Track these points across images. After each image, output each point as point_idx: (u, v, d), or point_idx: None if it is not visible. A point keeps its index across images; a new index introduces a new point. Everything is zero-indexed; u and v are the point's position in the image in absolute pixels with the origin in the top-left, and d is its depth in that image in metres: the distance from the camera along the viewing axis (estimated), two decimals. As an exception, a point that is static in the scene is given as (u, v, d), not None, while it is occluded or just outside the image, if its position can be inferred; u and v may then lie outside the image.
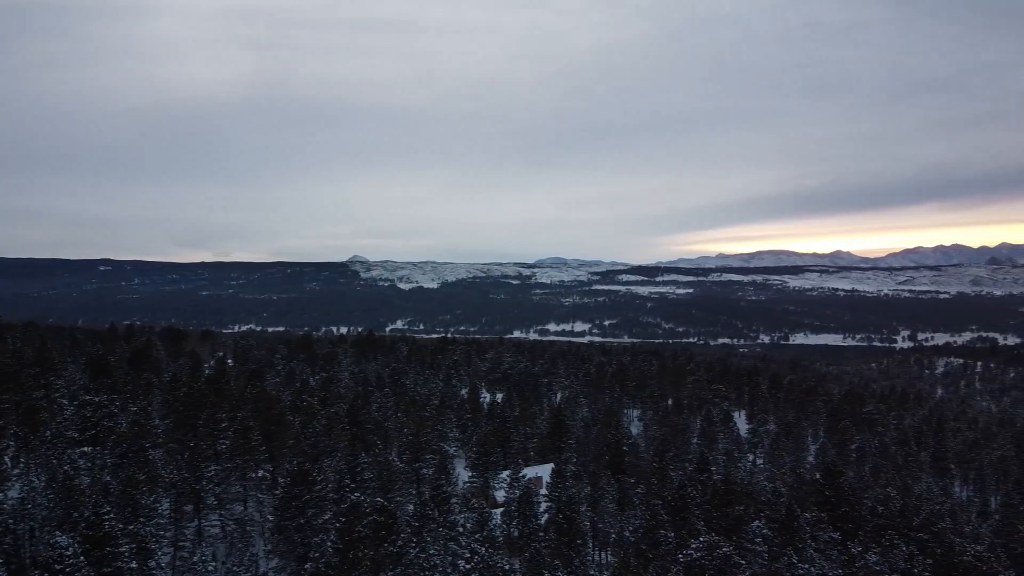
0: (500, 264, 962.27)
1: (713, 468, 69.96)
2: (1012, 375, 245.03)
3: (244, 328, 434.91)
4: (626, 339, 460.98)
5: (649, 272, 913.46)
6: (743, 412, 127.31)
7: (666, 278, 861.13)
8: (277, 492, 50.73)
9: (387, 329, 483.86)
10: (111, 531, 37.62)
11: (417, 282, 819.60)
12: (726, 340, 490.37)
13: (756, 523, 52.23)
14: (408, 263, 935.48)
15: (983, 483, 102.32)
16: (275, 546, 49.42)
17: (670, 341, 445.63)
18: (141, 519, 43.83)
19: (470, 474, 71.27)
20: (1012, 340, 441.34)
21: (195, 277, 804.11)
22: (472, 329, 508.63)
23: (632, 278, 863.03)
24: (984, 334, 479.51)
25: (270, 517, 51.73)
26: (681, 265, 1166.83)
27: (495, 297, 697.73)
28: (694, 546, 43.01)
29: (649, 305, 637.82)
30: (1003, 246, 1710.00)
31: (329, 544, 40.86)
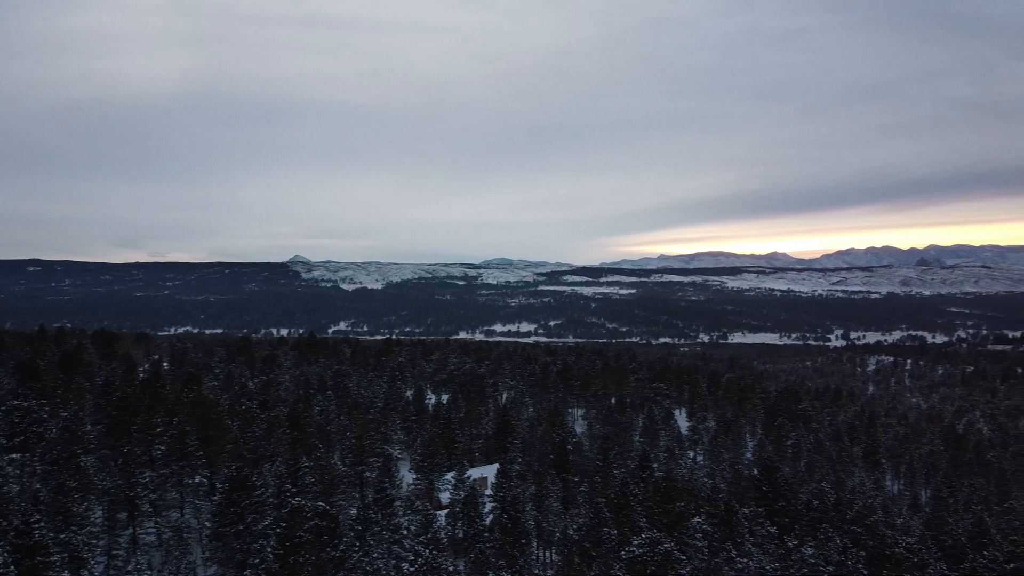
0: (446, 265, 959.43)
1: (655, 465, 71.21)
2: (940, 372, 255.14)
3: (180, 331, 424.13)
4: (571, 339, 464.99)
5: (593, 273, 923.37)
6: (683, 410, 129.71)
7: (610, 279, 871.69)
8: (215, 498, 49.66)
9: (329, 331, 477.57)
10: (42, 540, 36.21)
11: (361, 283, 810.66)
12: (667, 339, 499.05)
13: (696, 519, 53.31)
14: (351, 263, 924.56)
15: (913, 477, 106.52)
16: (213, 553, 48.29)
17: (613, 341, 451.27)
18: (73, 527, 42.29)
19: (415, 476, 70.89)
20: (940, 338, 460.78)
21: (129, 278, 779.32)
22: (417, 330, 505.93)
23: (577, 279, 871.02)
24: (913, 333, 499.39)
25: (208, 524, 50.56)
26: (624, 266, 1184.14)
27: (441, 298, 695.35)
28: (636, 543, 43.66)
29: (593, 305, 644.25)
30: (932, 248, 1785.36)
31: (269, 550, 40.08)
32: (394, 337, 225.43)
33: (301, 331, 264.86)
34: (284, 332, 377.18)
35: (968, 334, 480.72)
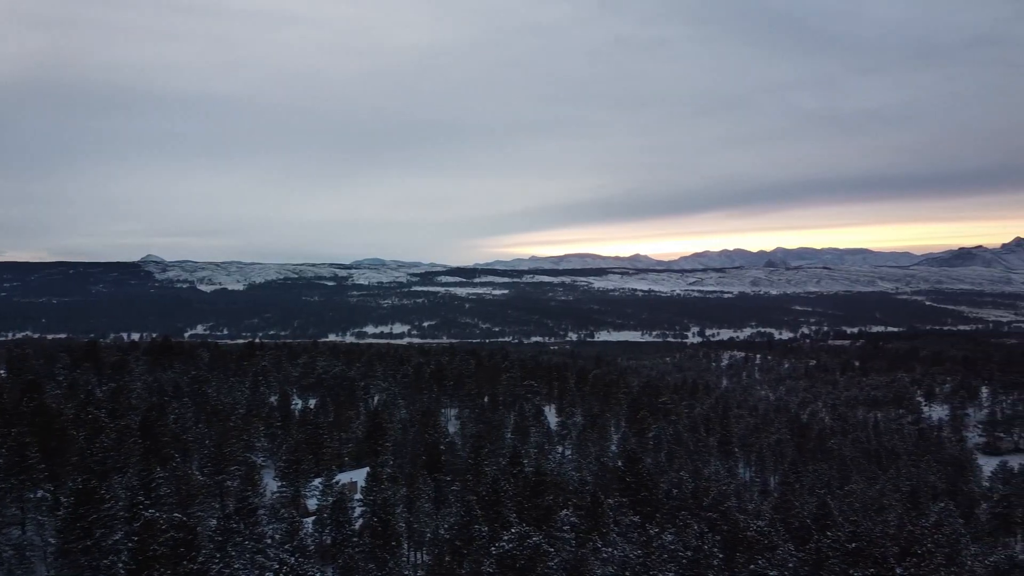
0: (314, 265, 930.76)
1: (525, 461, 72.34)
2: (786, 366, 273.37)
3: (19, 335, 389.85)
4: (445, 340, 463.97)
5: (467, 273, 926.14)
6: (553, 406, 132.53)
7: (484, 279, 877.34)
8: (60, 513, 46.08)
9: (186, 335, 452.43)
10: None
11: (220, 284, 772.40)
12: (539, 338, 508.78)
13: (565, 512, 54.69)
14: (210, 263, 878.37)
15: (763, 464, 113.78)
16: (59, 571, 44.84)
17: (487, 340, 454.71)
18: None
19: (280, 484, 68.47)
20: (786, 335, 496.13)
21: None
22: (283, 333, 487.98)
23: (451, 279, 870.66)
24: (762, 329, 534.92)
25: (52, 540, 46.89)
26: (497, 267, 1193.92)
27: (309, 299, 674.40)
28: (506, 538, 44.22)
29: (467, 306, 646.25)
30: (778, 250, 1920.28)
31: (121, 565, 37.62)
32: (257, 341, 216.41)
33: (154, 335, 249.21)
34: (136, 336, 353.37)
35: (811, 330, 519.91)
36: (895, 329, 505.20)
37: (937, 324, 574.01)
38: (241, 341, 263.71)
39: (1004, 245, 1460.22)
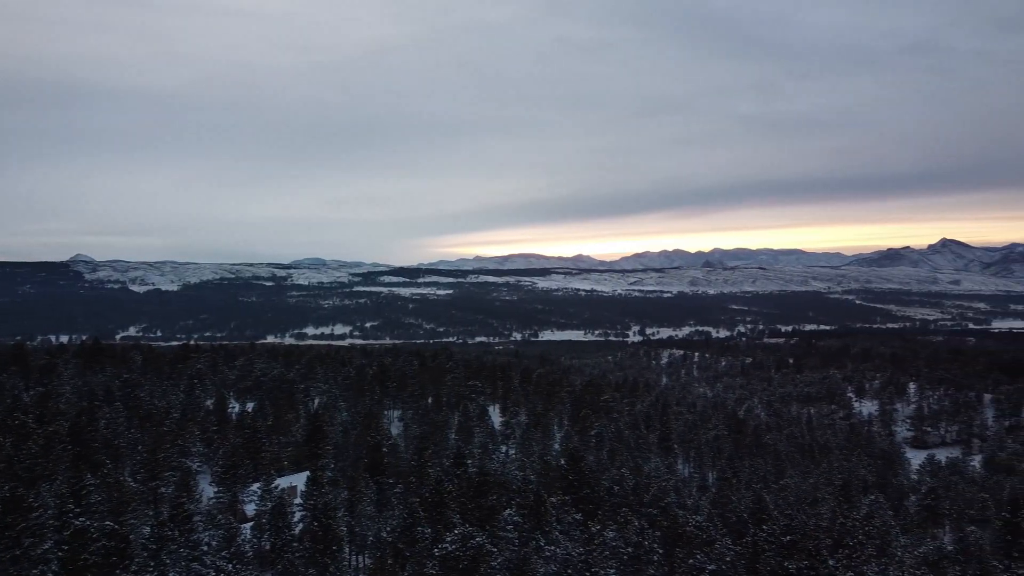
0: (252, 265, 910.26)
1: (469, 461, 72.17)
2: (723, 364, 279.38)
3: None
4: (388, 340, 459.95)
5: (411, 273, 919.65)
6: (497, 406, 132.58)
7: (427, 279, 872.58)
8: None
9: (117, 337, 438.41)
10: None
11: (154, 284, 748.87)
12: (483, 338, 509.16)
13: (508, 511, 54.77)
14: (143, 263, 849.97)
15: (701, 460, 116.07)
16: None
17: (431, 341, 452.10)
18: None
19: (216, 489, 66.81)
20: (723, 333, 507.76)
21: None
22: (219, 335, 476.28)
23: (394, 279, 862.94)
24: (700, 328, 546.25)
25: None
26: (442, 267, 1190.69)
27: (246, 300, 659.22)
28: (449, 539, 44.07)
29: (411, 306, 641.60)
30: (716, 251, 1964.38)
31: (51, 575, 36.19)
32: (192, 342, 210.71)
33: (84, 337, 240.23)
34: (65, 339, 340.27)
35: (747, 329, 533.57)
36: (827, 327, 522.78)
37: (867, 322, 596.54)
38: (175, 343, 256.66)
39: (930, 246, 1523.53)
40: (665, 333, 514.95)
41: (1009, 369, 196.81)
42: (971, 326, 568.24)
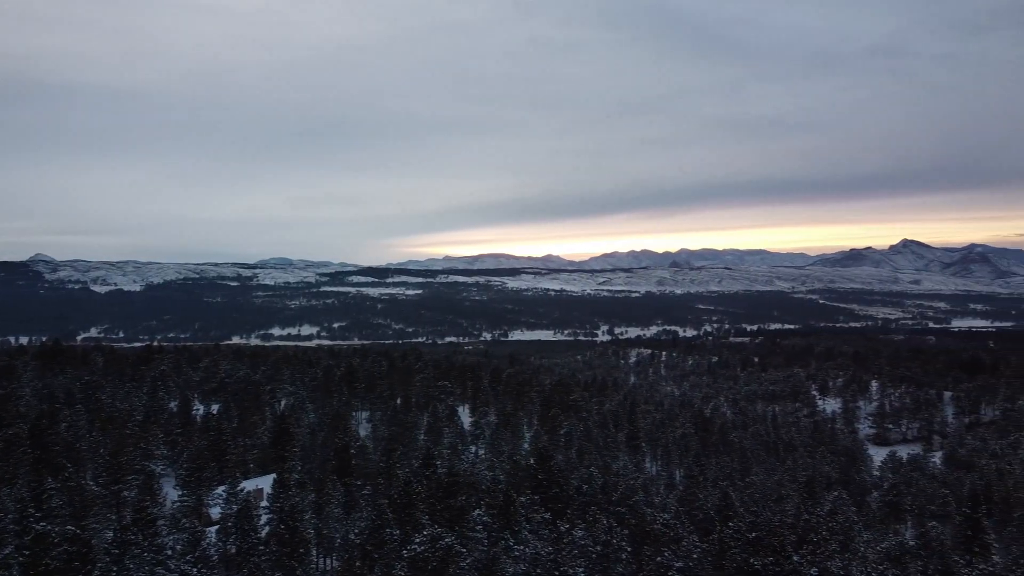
0: (216, 264, 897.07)
1: (438, 462, 71.98)
2: (690, 362, 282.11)
3: None
4: (356, 341, 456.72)
5: (379, 273, 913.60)
6: (467, 406, 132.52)
7: (396, 279, 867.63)
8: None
9: (79, 338, 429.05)
10: None
11: (116, 284, 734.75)
12: (453, 338, 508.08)
13: (477, 511, 54.73)
14: (104, 263, 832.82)
15: (669, 458, 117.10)
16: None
17: (400, 341, 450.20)
18: None
19: (181, 493, 65.79)
20: (690, 332, 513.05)
21: None
22: (183, 336, 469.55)
23: (363, 279, 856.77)
24: (668, 327, 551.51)
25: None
26: (411, 267, 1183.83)
27: (211, 300, 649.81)
28: (418, 540, 43.91)
29: (380, 306, 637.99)
30: (683, 251, 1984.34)
31: (7, 584, 35.39)
32: (156, 344, 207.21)
33: (44, 338, 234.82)
34: (24, 340, 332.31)
35: (713, 328, 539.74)
36: (791, 326, 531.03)
37: (830, 321, 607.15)
38: (138, 344, 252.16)
39: (892, 247, 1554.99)
40: (633, 332, 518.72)
41: (968, 367, 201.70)
42: (931, 325, 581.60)
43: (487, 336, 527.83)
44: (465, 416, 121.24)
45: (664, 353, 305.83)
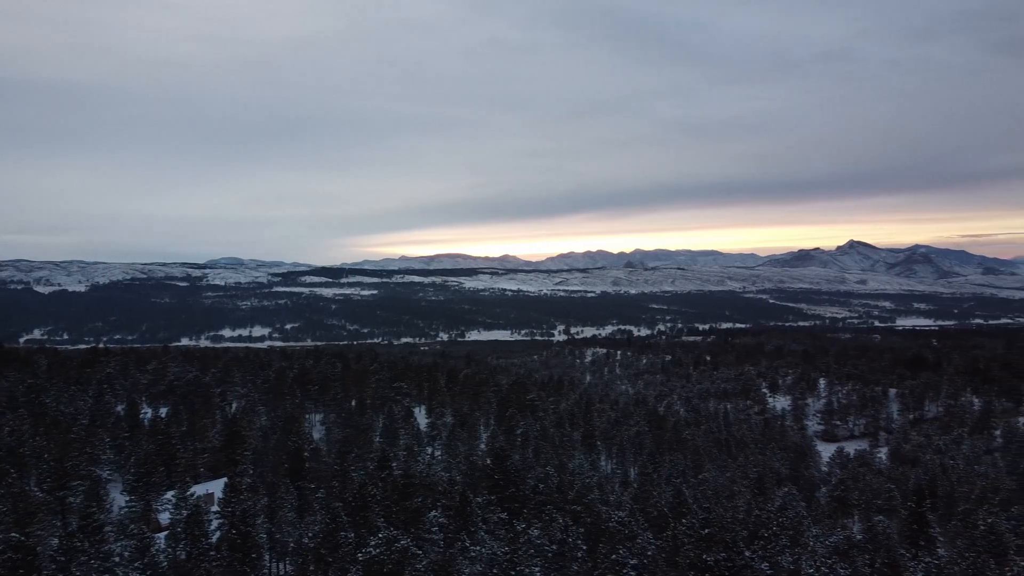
0: (165, 264, 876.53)
1: (394, 464, 71.51)
2: (644, 361, 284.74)
3: None
4: (310, 342, 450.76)
5: (334, 273, 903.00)
6: (423, 407, 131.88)
7: (351, 280, 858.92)
8: None
9: (21, 340, 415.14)
10: None
11: (60, 285, 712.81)
12: (409, 339, 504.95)
13: (433, 513, 54.55)
14: (48, 263, 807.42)
15: (623, 456, 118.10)
16: None
17: (355, 342, 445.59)
18: None
19: (128, 498, 64.18)
20: (644, 331, 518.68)
21: None
22: (130, 338, 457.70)
23: (316, 279, 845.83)
24: (623, 327, 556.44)
25: None
26: (366, 267, 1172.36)
27: (159, 301, 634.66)
28: (373, 543, 43.57)
29: (334, 307, 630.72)
30: (637, 252, 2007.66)
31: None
32: (102, 346, 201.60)
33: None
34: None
35: (667, 327, 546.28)
36: (742, 325, 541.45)
37: (780, 320, 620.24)
38: (83, 346, 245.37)
39: (839, 247, 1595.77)
40: (589, 332, 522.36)
41: (912, 365, 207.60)
42: (877, 324, 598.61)
43: (444, 336, 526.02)
44: (421, 417, 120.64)
45: (619, 352, 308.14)
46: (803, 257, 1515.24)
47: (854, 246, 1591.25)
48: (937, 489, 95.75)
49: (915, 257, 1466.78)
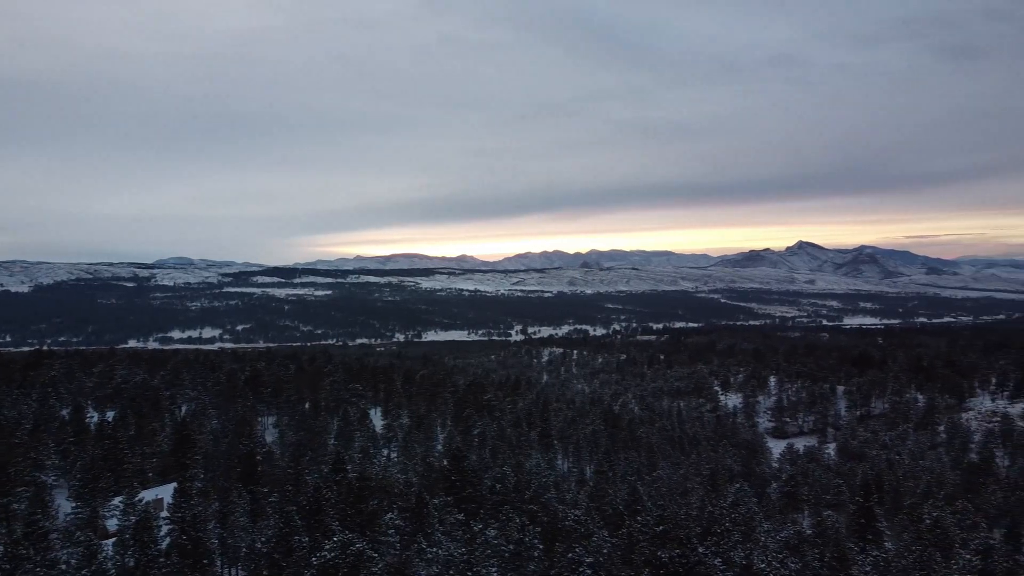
0: (111, 264, 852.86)
1: (349, 466, 70.81)
2: (600, 360, 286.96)
3: None
4: (262, 344, 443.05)
5: (286, 274, 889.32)
6: (379, 409, 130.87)
7: (305, 280, 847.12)
8: None
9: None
10: None
11: (2, 285, 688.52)
12: (364, 340, 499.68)
13: (389, 515, 54.24)
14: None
15: (580, 455, 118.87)
16: None
17: (309, 344, 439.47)
18: None
19: (74, 504, 62.43)
20: (600, 331, 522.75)
21: None
22: (75, 340, 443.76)
23: (268, 280, 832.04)
24: (579, 326, 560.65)
25: None
26: (320, 267, 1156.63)
27: (105, 302, 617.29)
28: (328, 547, 43.15)
29: (287, 307, 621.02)
30: (593, 252, 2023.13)
31: None
32: (45, 348, 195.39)
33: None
34: None
35: (622, 327, 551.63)
36: (695, 325, 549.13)
37: (731, 320, 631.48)
38: (26, 349, 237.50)
39: (788, 248, 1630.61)
40: (546, 332, 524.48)
41: (859, 363, 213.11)
42: (825, 323, 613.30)
43: (400, 337, 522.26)
44: (377, 419, 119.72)
45: (575, 352, 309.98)
46: (754, 257, 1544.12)
47: (803, 247, 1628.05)
48: (884, 484, 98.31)
49: (861, 257, 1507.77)
